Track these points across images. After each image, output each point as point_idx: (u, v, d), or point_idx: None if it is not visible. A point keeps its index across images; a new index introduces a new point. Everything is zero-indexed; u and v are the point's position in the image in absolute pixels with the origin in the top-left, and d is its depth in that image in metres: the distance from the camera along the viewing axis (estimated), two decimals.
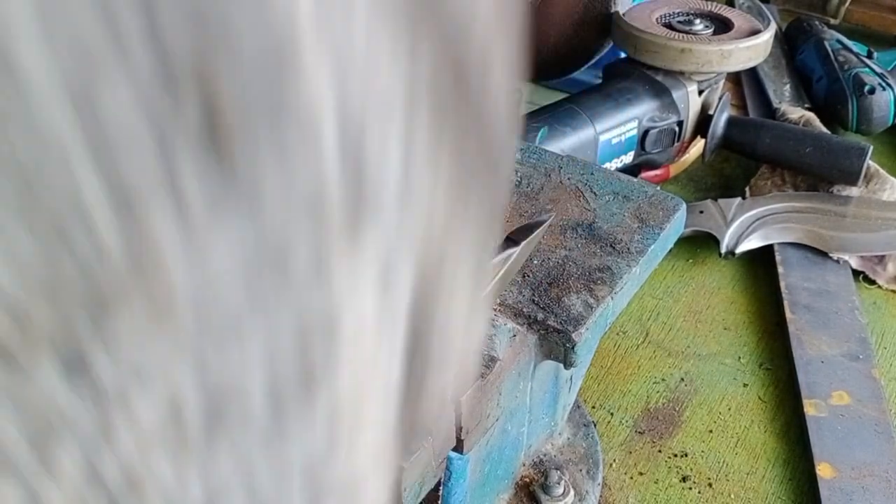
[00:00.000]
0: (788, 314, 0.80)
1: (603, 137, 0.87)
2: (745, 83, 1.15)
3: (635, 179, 0.66)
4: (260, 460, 0.12)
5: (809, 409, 0.70)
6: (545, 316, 0.53)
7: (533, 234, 0.41)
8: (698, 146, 1.01)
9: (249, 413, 0.12)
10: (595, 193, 0.64)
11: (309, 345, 0.13)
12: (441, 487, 0.46)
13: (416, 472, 0.39)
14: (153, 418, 0.11)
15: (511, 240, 0.41)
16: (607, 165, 0.89)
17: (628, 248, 0.59)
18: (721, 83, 0.97)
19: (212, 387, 0.12)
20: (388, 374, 0.16)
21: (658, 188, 0.65)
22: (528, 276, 0.56)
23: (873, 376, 0.74)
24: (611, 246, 0.59)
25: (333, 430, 0.14)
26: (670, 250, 0.87)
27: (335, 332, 0.13)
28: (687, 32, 0.92)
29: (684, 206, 0.63)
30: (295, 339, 0.13)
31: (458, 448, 0.42)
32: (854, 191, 0.92)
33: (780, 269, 0.85)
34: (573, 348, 0.52)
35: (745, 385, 0.75)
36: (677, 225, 0.63)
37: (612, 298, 0.55)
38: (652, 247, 0.59)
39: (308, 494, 0.13)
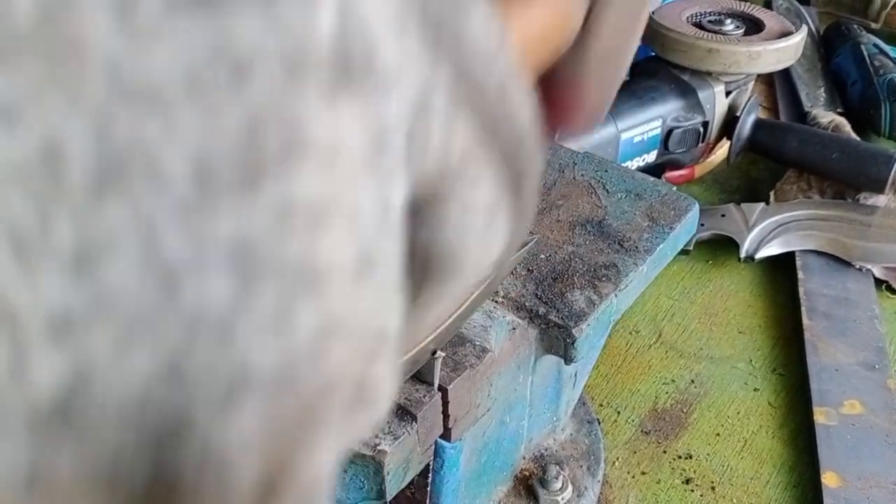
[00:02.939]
0: (805, 320, 0.79)
1: (625, 135, 0.86)
2: (778, 85, 1.14)
3: (651, 178, 0.66)
4: (170, 224, 0.11)
5: (819, 417, 0.70)
6: (547, 310, 0.53)
7: (512, 257, 0.41)
8: (725, 148, 1.00)
9: (164, 181, 0.11)
10: (608, 190, 0.64)
11: (259, 138, 0.12)
12: (431, 475, 0.47)
13: (401, 456, 0.39)
14: (13, 155, 0.11)
15: None
16: (629, 164, 0.89)
17: (636, 247, 0.59)
18: (750, 85, 0.96)
19: (113, 145, 0.11)
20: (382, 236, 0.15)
21: (673, 188, 0.65)
22: (534, 270, 0.56)
23: (888, 387, 0.73)
24: (619, 244, 0.59)
25: (284, 222, 0.12)
26: (689, 252, 0.87)
27: (299, 139, 0.12)
28: (716, 32, 0.91)
29: (697, 206, 0.63)
30: (241, 129, 0.12)
31: (446, 436, 0.43)
32: (881, 199, 0.90)
33: (801, 275, 0.84)
34: (573, 344, 0.52)
35: (755, 390, 0.74)
36: (689, 225, 0.63)
37: (615, 296, 0.55)
38: (661, 246, 0.59)
39: (237, 268, 0.12)
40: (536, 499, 0.60)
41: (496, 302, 0.53)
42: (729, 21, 0.93)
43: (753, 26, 0.93)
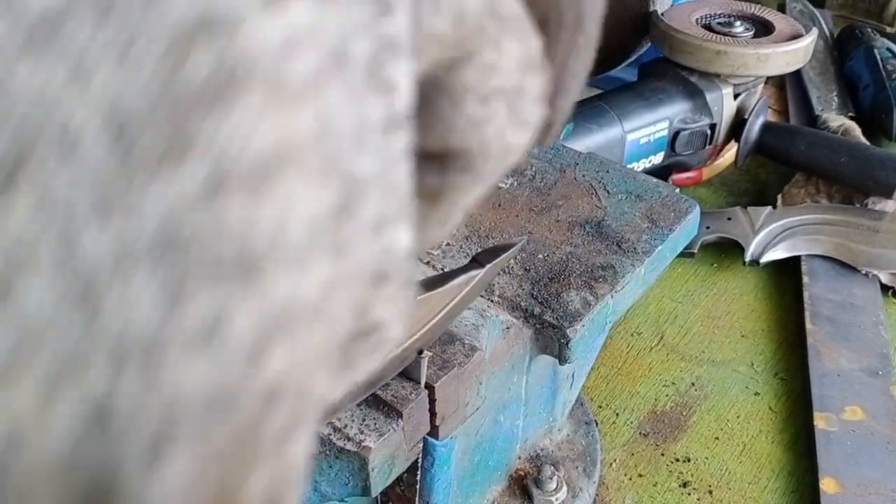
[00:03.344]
0: (809, 325, 0.78)
1: (631, 137, 0.86)
2: (789, 88, 1.13)
3: (653, 179, 0.66)
4: (86, 213, 0.10)
5: (819, 423, 0.69)
6: (542, 310, 0.53)
7: (500, 258, 0.40)
8: (733, 151, 0.99)
9: (76, 149, 0.10)
10: (608, 191, 0.64)
11: (186, 66, 0.10)
12: (421, 472, 0.47)
13: (386, 452, 0.39)
14: None
15: (476, 261, 0.40)
16: (635, 165, 0.88)
17: (635, 248, 0.58)
18: (759, 87, 0.96)
19: (19, 111, 0.09)
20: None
21: (675, 189, 0.65)
22: (530, 270, 0.56)
23: (890, 393, 0.72)
24: (617, 245, 0.59)
25: (218, 190, 0.10)
26: (694, 255, 0.86)
27: (240, 58, 0.10)
28: (726, 34, 0.90)
29: (697, 208, 0.63)
30: (164, 50, 0.10)
31: (434, 434, 0.43)
32: (889, 204, 0.89)
33: (806, 279, 0.83)
34: (567, 344, 0.52)
35: (756, 394, 0.74)
36: (689, 227, 0.62)
37: (611, 297, 0.55)
38: (659, 248, 0.59)
39: (163, 266, 0.10)
40: (531, 499, 0.60)
41: (491, 301, 0.53)
42: (739, 23, 0.92)
43: (763, 29, 0.93)
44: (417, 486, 0.47)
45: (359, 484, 0.39)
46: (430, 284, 0.36)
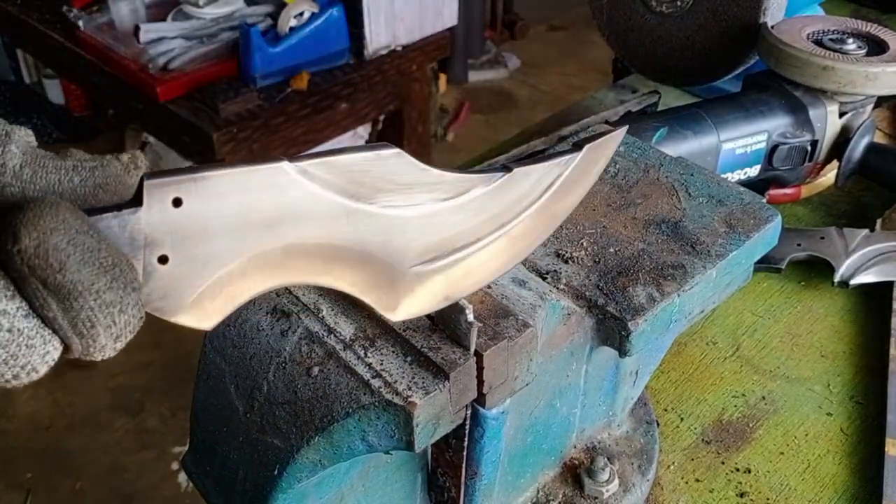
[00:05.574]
0: (893, 351, 0.76)
1: (726, 146, 0.85)
2: None
3: (738, 186, 0.65)
4: None
5: (891, 449, 0.67)
6: (606, 302, 0.54)
7: (601, 140, 0.42)
8: (836, 170, 0.97)
9: None
10: (689, 194, 0.64)
11: None
12: (470, 442, 0.49)
13: (431, 411, 0.41)
14: None
15: (576, 146, 0.42)
16: (729, 176, 0.88)
17: (708, 251, 0.59)
18: (868, 108, 0.93)
19: None
20: None
21: (758, 198, 0.64)
22: (600, 262, 0.57)
23: None
24: (691, 246, 0.59)
25: None
26: (781, 271, 0.85)
27: None
28: (836, 51, 0.89)
29: (779, 218, 0.62)
30: None
31: (481, 402, 0.45)
32: None
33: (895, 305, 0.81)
34: (628, 337, 0.53)
35: (829, 414, 0.72)
36: (768, 236, 0.62)
37: (678, 296, 0.55)
38: (734, 253, 0.59)
39: None
40: (582, 487, 0.61)
41: (556, 287, 0.55)
42: (851, 41, 0.90)
43: (877, 48, 0.90)
44: (464, 454, 0.49)
45: (403, 438, 0.41)
46: (528, 160, 0.39)
